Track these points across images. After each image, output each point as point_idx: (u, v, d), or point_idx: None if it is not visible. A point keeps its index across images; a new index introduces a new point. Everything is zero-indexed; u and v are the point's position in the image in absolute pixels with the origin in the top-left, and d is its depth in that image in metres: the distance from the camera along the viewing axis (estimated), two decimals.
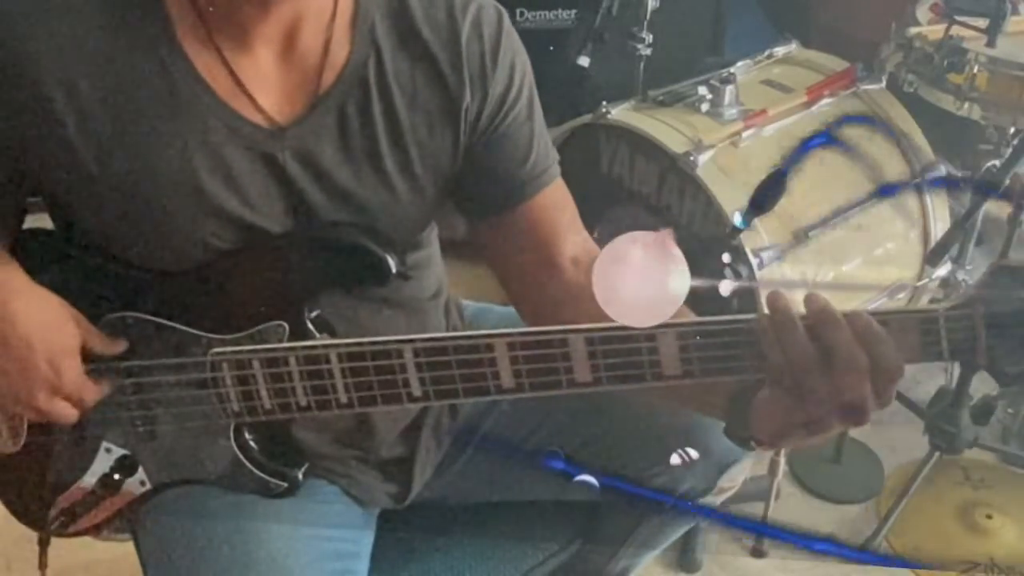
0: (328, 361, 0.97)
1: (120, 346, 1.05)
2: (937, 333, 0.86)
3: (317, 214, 1.05)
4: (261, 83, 1.01)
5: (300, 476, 1.12)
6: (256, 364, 1.00)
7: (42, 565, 1.16)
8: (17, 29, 0.95)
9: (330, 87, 1.03)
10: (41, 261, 1.07)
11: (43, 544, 1.16)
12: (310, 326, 1.03)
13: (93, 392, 1.04)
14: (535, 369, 0.92)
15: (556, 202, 1.15)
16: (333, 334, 1.05)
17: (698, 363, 0.89)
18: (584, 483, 1.24)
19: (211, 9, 0.98)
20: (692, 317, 0.92)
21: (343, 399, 0.98)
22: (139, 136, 0.98)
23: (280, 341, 1.03)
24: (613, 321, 0.88)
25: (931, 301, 2.14)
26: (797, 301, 0.87)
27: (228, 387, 1.02)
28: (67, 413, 1.04)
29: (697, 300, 0.96)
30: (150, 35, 0.97)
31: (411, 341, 0.94)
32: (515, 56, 1.10)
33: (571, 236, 1.15)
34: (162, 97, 0.98)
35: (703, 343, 0.88)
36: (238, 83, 1.00)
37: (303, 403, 1.00)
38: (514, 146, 1.11)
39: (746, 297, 1.77)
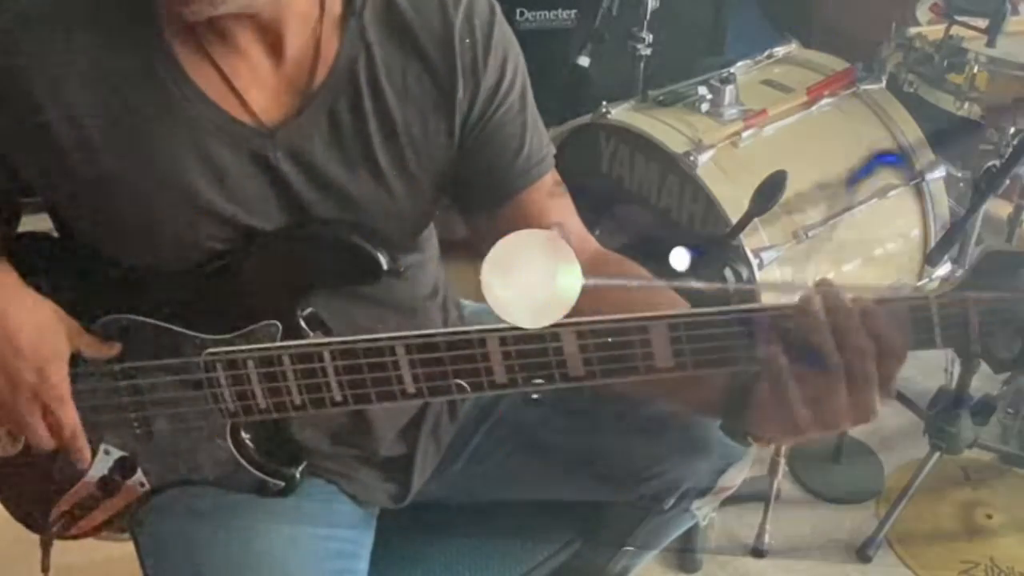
0: (321, 359, 0.97)
1: (114, 349, 1.06)
2: (929, 320, 0.85)
3: (311, 213, 1.05)
4: (251, 83, 1.01)
5: (298, 475, 1.12)
6: (250, 364, 1.00)
7: (44, 568, 1.16)
8: (5, 41, 0.95)
9: (320, 86, 1.03)
10: (37, 264, 1.07)
11: (45, 547, 1.16)
12: (303, 324, 1.03)
13: (71, 409, 1.03)
14: (527, 364, 0.92)
15: (550, 194, 1.15)
16: (327, 332, 1.05)
17: (691, 355, 0.89)
18: None
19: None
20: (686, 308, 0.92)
21: (337, 397, 0.98)
22: (130, 140, 0.98)
23: (273, 340, 1.03)
24: (609, 314, 0.88)
25: None
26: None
27: (223, 387, 1.02)
28: (44, 436, 1.04)
29: (697, 300, 0.96)
30: (138, 39, 0.97)
31: (403, 338, 0.94)
32: (507, 49, 1.10)
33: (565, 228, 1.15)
34: (152, 100, 0.98)
35: (695, 335, 0.88)
36: (228, 84, 1.00)
37: (298, 401, 1.00)
38: (507, 139, 1.11)
39: (746, 297, 1.77)
